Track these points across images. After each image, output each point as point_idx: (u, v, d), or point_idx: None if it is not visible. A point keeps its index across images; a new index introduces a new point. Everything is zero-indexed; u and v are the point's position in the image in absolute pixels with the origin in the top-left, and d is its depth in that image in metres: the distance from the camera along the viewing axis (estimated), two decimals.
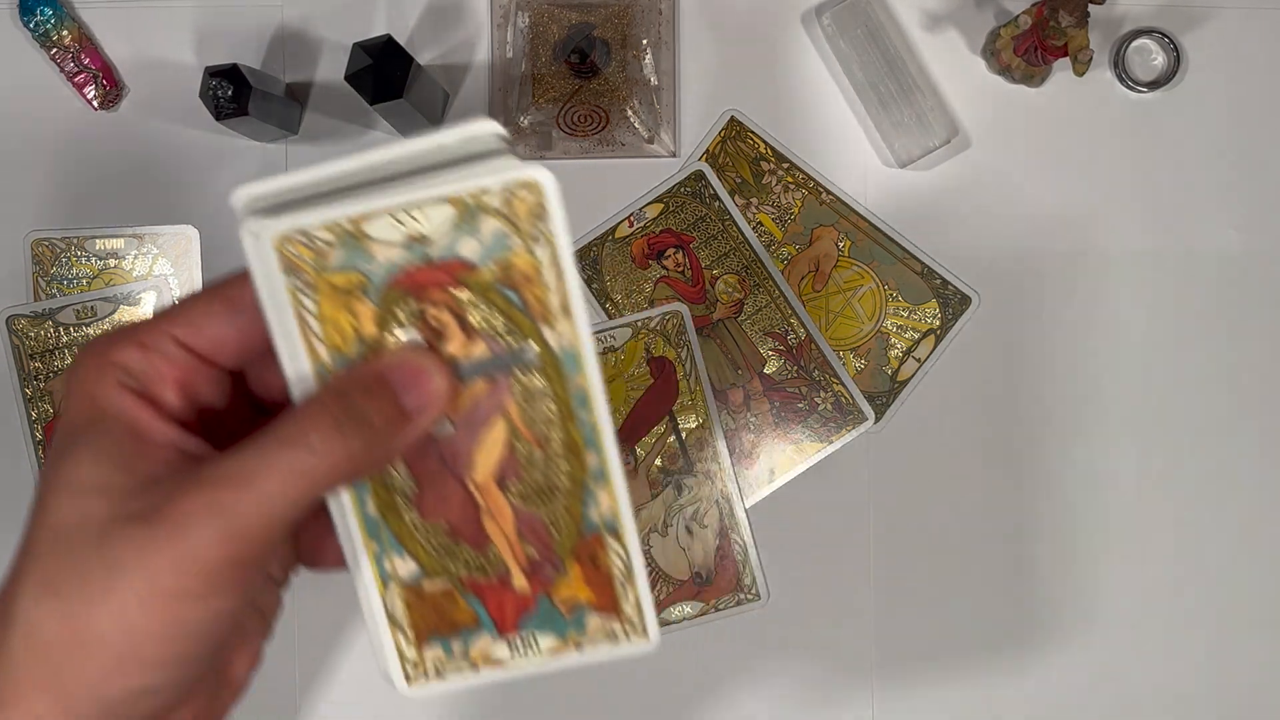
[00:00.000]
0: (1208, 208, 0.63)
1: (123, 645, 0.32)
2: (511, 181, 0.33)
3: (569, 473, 0.37)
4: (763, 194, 0.63)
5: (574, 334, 0.35)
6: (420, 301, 0.34)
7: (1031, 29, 0.58)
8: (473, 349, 0.35)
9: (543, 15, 0.61)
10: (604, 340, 0.62)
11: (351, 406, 0.33)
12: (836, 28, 0.61)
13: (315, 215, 0.33)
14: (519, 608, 0.38)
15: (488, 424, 0.36)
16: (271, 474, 0.32)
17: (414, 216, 0.34)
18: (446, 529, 0.37)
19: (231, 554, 0.32)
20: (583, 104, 0.61)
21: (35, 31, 0.61)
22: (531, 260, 0.34)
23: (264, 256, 0.34)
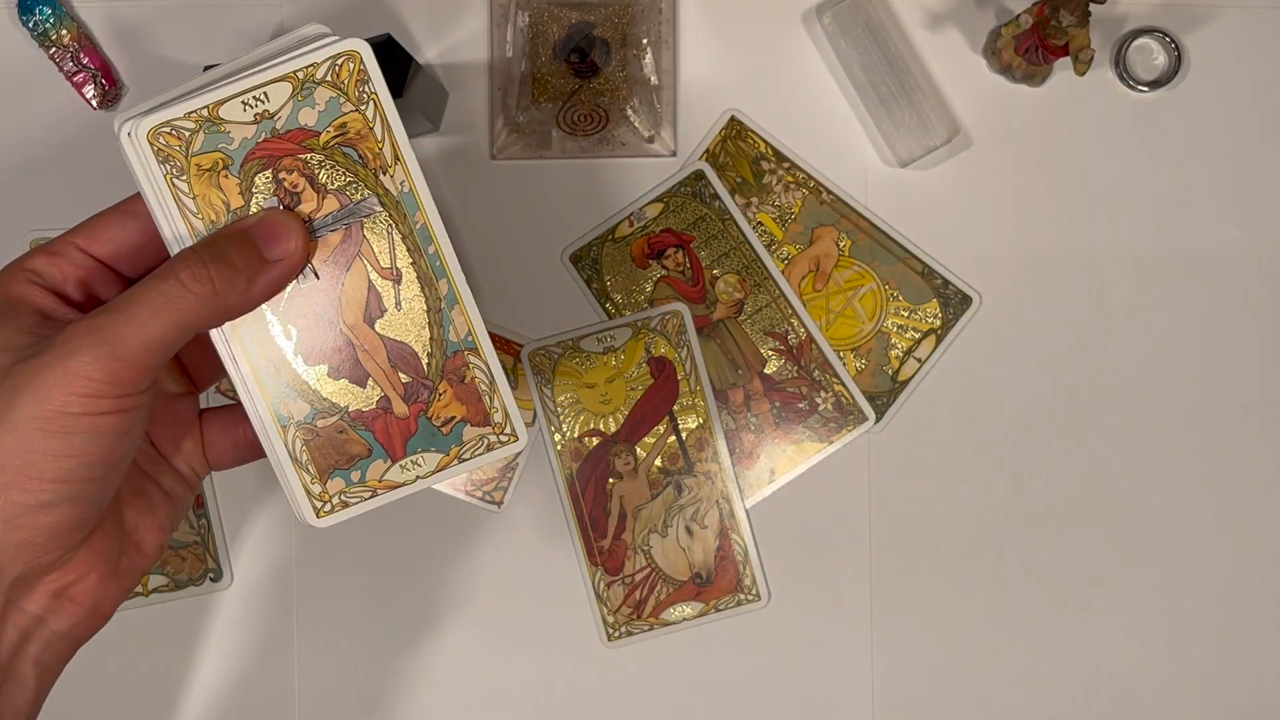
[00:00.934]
0: (1209, 208, 0.63)
1: (18, 461, 0.36)
2: (334, 53, 0.41)
3: (424, 300, 0.42)
4: (763, 194, 0.63)
5: (408, 177, 0.42)
6: (275, 169, 0.40)
7: (1032, 28, 0.58)
8: (326, 205, 0.41)
9: (543, 14, 0.61)
10: (604, 340, 0.62)
11: (217, 250, 0.39)
12: (837, 27, 0.61)
13: (177, 108, 0.39)
14: (404, 433, 0.42)
15: (349, 270, 0.41)
16: (145, 303, 0.37)
17: (259, 98, 0.40)
18: (329, 370, 0.42)
19: (111, 372, 0.36)
20: (583, 103, 0.61)
21: (34, 31, 0.61)
22: (362, 118, 0.41)
23: (141, 151, 0.40)
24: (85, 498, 0.38)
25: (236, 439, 0.44)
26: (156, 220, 0.40)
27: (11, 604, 0.38)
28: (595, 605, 0.62)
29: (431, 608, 0.62)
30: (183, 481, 0.43)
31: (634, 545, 0.62)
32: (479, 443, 0.44)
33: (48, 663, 0.40)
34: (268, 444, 0.41)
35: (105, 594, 0.41)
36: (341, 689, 0.62)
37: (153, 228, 0.40)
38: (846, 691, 0.63)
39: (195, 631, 0.62)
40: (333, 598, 0.63)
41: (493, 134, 0.62)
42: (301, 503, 0.42)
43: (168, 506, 0.43)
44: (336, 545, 0.62)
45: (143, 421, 0.39)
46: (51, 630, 0.40)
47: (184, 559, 0.62)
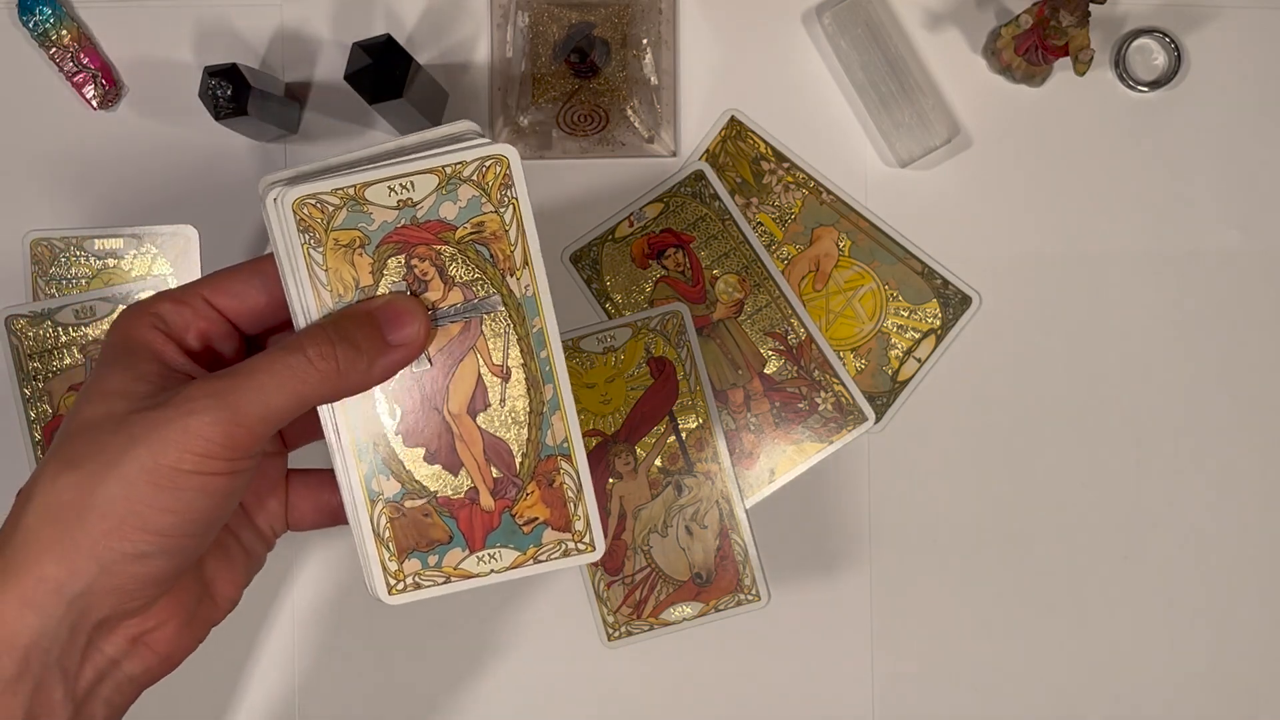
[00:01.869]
0: (1209, 208, 0.63)
1: (125, 510, 0.37)
2: (483, 155, 0.41)
3: (529, 403, 0.43)
4: (763, 194, 0.63)
5: (533, 282, 0.43)
6: (409, 255, 0.41)
7: (1032, 28, 0.58)
8: (450, 296, 0.42)
9: (542, 15, 0.61)
10: (604, 340, 0.62)
11: (344, 330, 0.40)
12: (837, 27, 0.61)
13: (326, 183, 0.40)
14: (486, 526, 0.43)
15: (461, 361, 0.42)
16: (270, 373, 0.38)
17: (405, 185, 0.41)
18: (425, 454, 0.43)
19: (228, 436, 0.37)
20: (583, 104, 0.61)
21: (34, 31, 0.61)
22: (499, 220, 0.42)
23: (283, 217, 0.41)
24: (181, 552, 0.39)
25: (320, 504, 0.44)
26: (285, 286, 0.41)
27: (92, 645, 0.39)
28: (595, 605, 0.62)
29: (431, 608, 0.62)
30: (262, 539, 0.44)
31: (634, 545, 0.62)
32: (556, 547, 0.44)
33: (116, 704, 0.42)
34: (354, 516, 0.42)
35: (178, 643, 0.42)
36: (341, 689, 0.62)
37: (278, 290, 0.41)
38: (846, 691, 0.63)
39: None
40: (332, 597, 0.63)
41: (493, 134, 0.62)
42: (376, 577, 0.42)
43: (245, 562, 0.44)
44: (336, 545, 0.62)
45: (246, 485, 0.39)
46: (124, 673, 0.41)
47: None
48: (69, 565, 0.37)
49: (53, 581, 0.37)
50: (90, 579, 0.38)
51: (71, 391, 0.62)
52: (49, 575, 0.37)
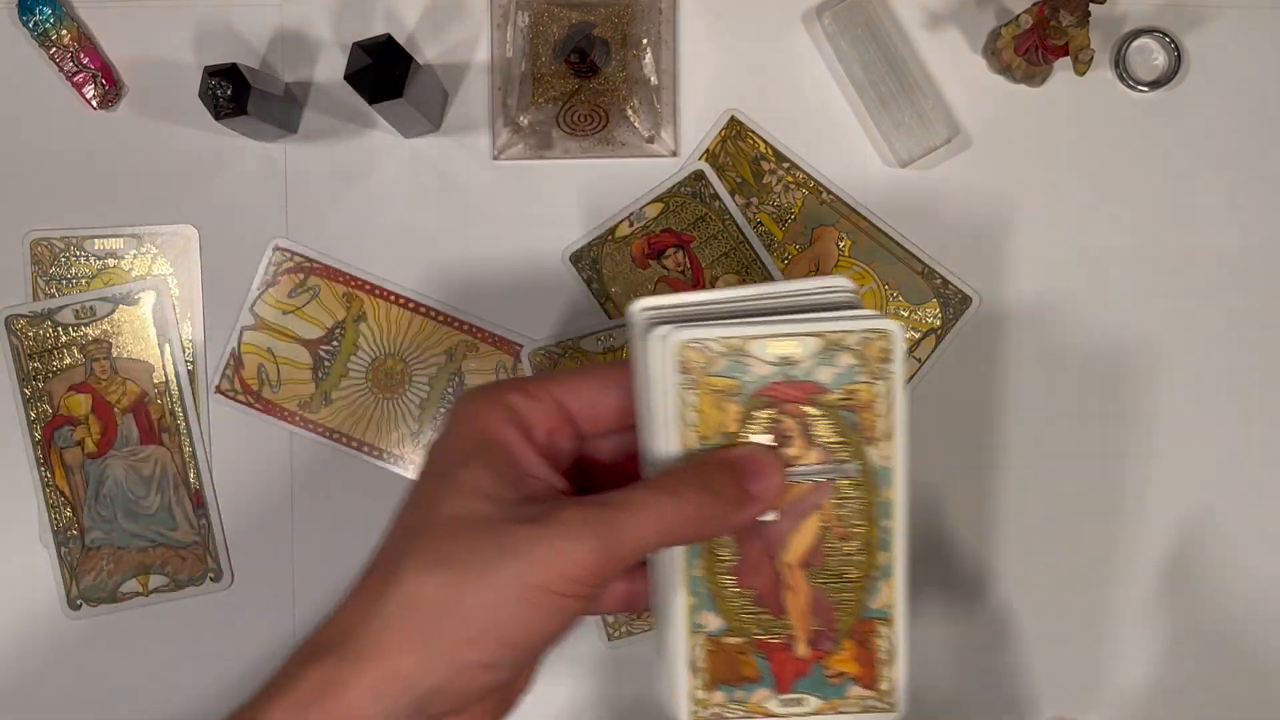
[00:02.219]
0: (1209, 208, 0.63)
1: (489, 620, 0.38)
2: (869, 329, 0.42)
3: (861, 566, 0.44)
4: (763, 194, 0.63)
5: (893, 456, 0.43)
6: (777, 410, 0.42)
7: (1032, 28, 0.58)
8: (808, 455, 0.43)
9: (543, 15, 0.61)
10: (604, 340, 0.62)
11: (710, 478, 0.40)
12: (837, 27, 0.61)
13: (715, 331, 0.42)
14: (797, 671, 0.44)
15: (806, 517, 0.43)
16: (646, 509, 0.39)
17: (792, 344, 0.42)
18: (753, 596, 0.44)
19: (600, 565, 0.38)
20: (583, 104, 0.61)
21: (34, 31, 0.61)
22: (872, 391, 0.43)
23: (666, 356, 0.42)
24: (523, 666, 0.41)
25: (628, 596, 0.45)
26: (649, 415, 0.42)
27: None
28: None
29: None
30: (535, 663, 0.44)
31: None
32: (859, 702, 0.45)
33: None
34: (673, 642, 0.43)
35: None
36: None
37: (626, 404, 0.43)
38: None
39: (195, 631, 0.62)
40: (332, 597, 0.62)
41: (494, 134, 0.62)
42: (681, 702, 0.44)
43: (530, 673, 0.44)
44: (337, 544, 0.62)
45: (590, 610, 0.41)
46: None
47: (184, 559, 0.62)
48: (424, 664, 0.38)
49: (405, 678, 0.38)
50: (440, 681, 0.38)
51: (72, 392, 0.62)
52: (403, 671, 0.38)
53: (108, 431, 0.62)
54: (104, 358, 0.62)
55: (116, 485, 0.62)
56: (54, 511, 0.62)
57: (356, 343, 0.62)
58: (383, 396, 0.62)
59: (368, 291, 0.62)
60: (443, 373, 0.62)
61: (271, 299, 0.62)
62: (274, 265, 0.62)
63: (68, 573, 0.62)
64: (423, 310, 0.62)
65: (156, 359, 0.62)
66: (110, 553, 0.62)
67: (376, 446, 0.62)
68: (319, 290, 0.62)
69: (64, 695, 0.62)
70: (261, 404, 0.62)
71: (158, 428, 0.62)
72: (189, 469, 0.62)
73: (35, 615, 0.62)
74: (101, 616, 0.62)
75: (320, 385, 0.62)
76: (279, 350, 0.62)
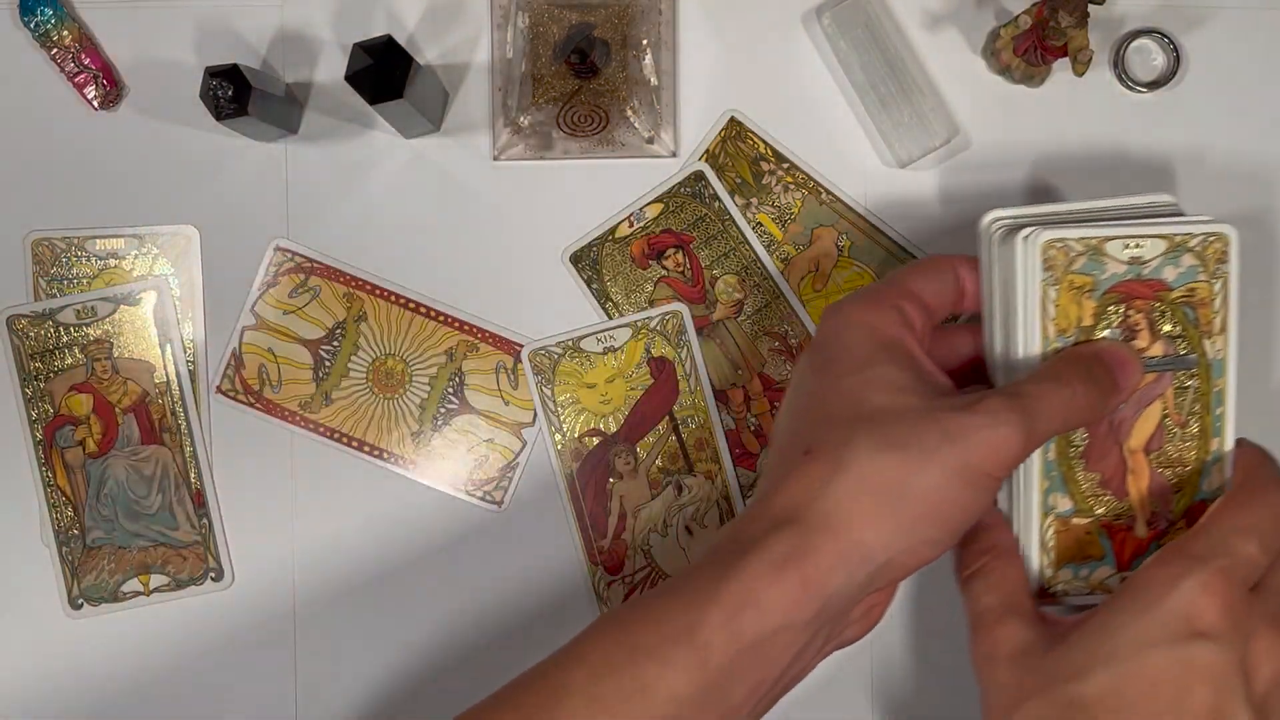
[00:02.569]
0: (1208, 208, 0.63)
1: (934, 500, 0.42)
2: (1208, 231, 0.48)
3: (1197, 452, 0.49)
4: (763, 194, 0.63)
5: (1226, 348, 0.49)
6: (1126, 306, 0.48)
7: (1031, 29, 0.58)
8: (1153, 347, 0.48)
9: (543, 15, 0.61)
10: (604, 340, 0.62)
11: (1090, 370, 0.45)
12: (836, 28, 0.61)
13: (1077, 232, 0.47)
14: (1137, 551, 0.49)
15: (1149, 405, 0.48)
16: (1052, 397, 0.43)
17: (1138, 244, 0.48)
18: (1100, 479, 0.49)
19: (1022, 449, 0.43)
20: (583, 104, 0.61)
21: (35, 32, 0.61)
22: (1210, 289, 0.48)
23: (1032, 254, 0.47)
24: (950, 544, 0.44)
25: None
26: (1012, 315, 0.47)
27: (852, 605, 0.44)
28: (595, 604, 0.62)
29: (431, 607, 0.63)
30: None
31: (634, 545, 0.62)
32: None
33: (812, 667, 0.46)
34: (1026, 525, 0.48)
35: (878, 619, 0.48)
36: (341, 689, 0.63)
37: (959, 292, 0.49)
38: (845, 682, 0.63)
39: (195, 631, 0.62)
40: (333, 597, 0.63)
41: (494, 135, 0.62)
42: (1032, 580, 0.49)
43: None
44: (337, 545, 0.63)
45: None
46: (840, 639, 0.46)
47: (185, 558, 0.62)
48: (883, 539, 0.42)
49: (866, 549, 0.42)
50: (892, 555, 0.42)
51: (73, 392, 0.62)
52: (865, 543, 0.42)
53: (109, 431, 0.62)
54: (105, 358, 0.62)
55: (118, 485, 0.62)
56: (55, 511, 0.62)
57: (357, 343, 0.62)
58: (383, 396, 0.62)
59: (368, 291, 0.62)
60: (443, 373, 0.62)
61: (272, 299, 0.62)
62: (275, 265, 0.62)
63: (69, 572, 0.62)
64: (423, 310, 0.62)
65: (158, 359, 0.62)
66: (111, 552, 0.62)
67: (377, 446, 0.62)
68: (319, 290, 0.62)
69: (65, 694, 0.62)
70: (262, 404, 0.62)
71: (159, 427, 0.62)
72: (190, 469, 0.62)
73: (36, 615, 0.62)
74: (102, 616, 0.62)
75: (321, 385, 0.62)
76: (280, 350, 0.62)
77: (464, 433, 0.62)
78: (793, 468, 0.43)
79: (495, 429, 0.62)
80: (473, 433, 0.62)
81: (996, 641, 0.46)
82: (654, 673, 0.41)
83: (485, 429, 0.62)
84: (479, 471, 0.62)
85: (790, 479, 0.43)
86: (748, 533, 0.43)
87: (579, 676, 0.42)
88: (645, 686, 0.41)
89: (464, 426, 0.62)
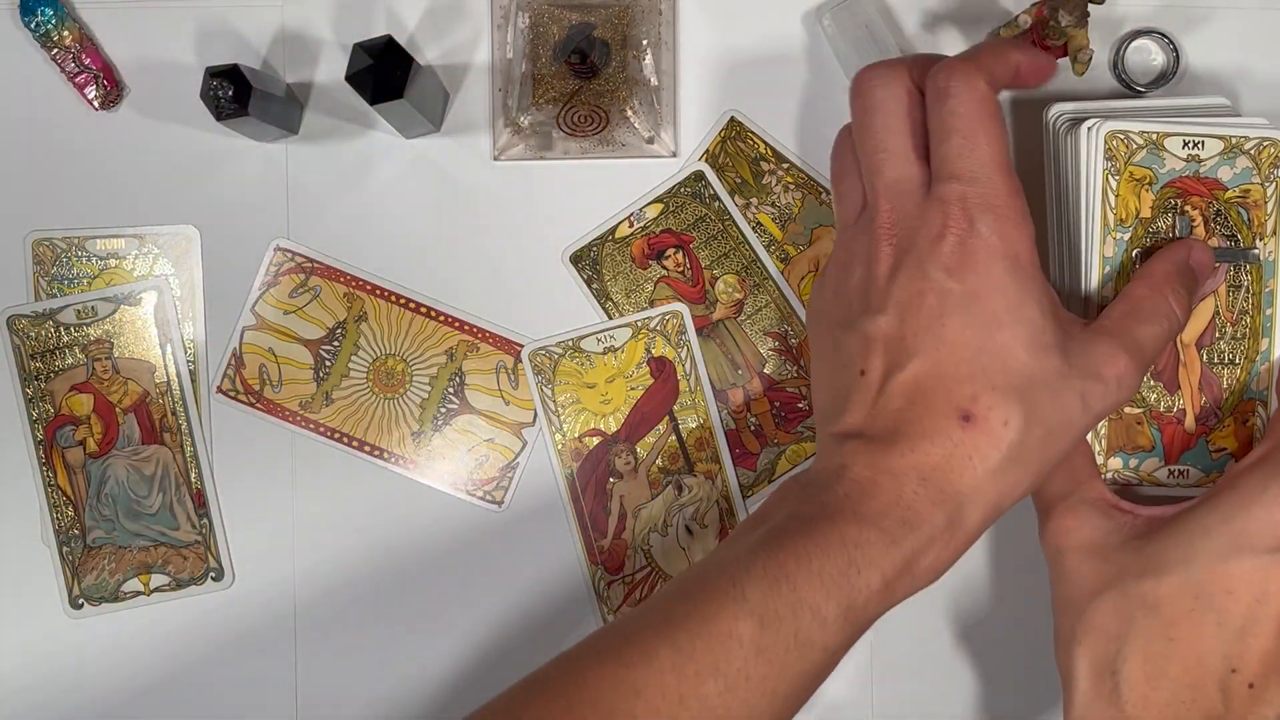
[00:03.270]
0: None
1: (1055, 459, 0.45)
2: (1264, 137, 0.51)
3: (1246, 350, 0.51)
4: (763, 194, 0.63)
5: (1277, 250, 0.51)
6: (1184, 201, 0.50)
7: (1031, 29, 0.58)
8: (1209, 242, 0.50)
9: (543, 15, 0.61)
10: (604, 340, 0.62)
11: (1187, 281, 0.48)
12: (836, 28, 0.61)
13: (1138, 125, 0.51)
14: (1184, 444, 0.51)
15: (1202, 300, 0.51)
16: (1155, 322, 0.46)
17: (1197, 143, 0.51)
18: (1153, 370, 0.51)
19: (1139, 373, 0.46)
20: (583, 104, 0.61)
21: (36, 32, 0.61)
22: (1262, 191, 0.51)
23: (1096, 143, 0.50)
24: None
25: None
26: (1076, 204, 0.50)
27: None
28: (595, 604, 0.62)
29: (432, 607, 0.63)
30: None
31: (634, 544, 0.62)
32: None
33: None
34: None
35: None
36: (342, 689, 0.63)
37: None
38: (846, 685, 0.63)
39: (196, 631, 0.63)
40: (333, 597, 0.63)
41: (494, 135, 0.62)
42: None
43: None
44: (338, 544, 0.63)
45: None
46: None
47: (185, 558, 0.62)
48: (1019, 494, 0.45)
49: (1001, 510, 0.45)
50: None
51: (74, 392, 0.62)
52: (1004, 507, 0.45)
53: (109, 431, 0.62)
54: (106, 358, 0.62)
55: (118, 485, 0.62)
56: (55, 511, 0.62)
57: (357, 343, 0.62)
58: (384, 396, 0.62)
59: (369, 292, 0.62)
60: (443, 373, 0.62)
61: (273, 299, 0.62)
62: (275, 265, 0.62)
63: (69, 572, 0.62)
64: (423, 310, 0.62)
65: (158, 359, 0.62)
66: (112, 552, 0.62)
67: (377, 446, 0.62)
68: (320, 290, 0.62)
69: (65, 694, 0.62)
70: (263, 404, 0.62)
71: (159, 427, 0.62)
72: (190, 469, 0.62)
73: (36, 615, 0.62)
74: (103, 616, 0.62)
75: (321, 385, 0.62)
76: (280, 350, 0.62)
77: (464, 433, 0.62)
78: (946, 429, 0.44)
79: (495, 429, 0.62)
80: (473, 433, 0.62)
81: (1068, 530, 0.47)
82: (815, 628, 0.43)
83: (485, 429, 0.62)
84: (479, 471, 0.62)
85: (940, 438, 0.44)
86: (893, 491, 0.44)
87: (748, 629, 0.43)
88: (809, 641, 0.43)
89: (464, 426, 0.62)
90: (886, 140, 0.48)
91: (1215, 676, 0.44)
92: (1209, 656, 0.44)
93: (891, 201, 0.47)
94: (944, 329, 0.44)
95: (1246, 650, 0.44)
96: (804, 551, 0.43)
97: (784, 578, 0.43)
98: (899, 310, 0.46)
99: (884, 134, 0.48)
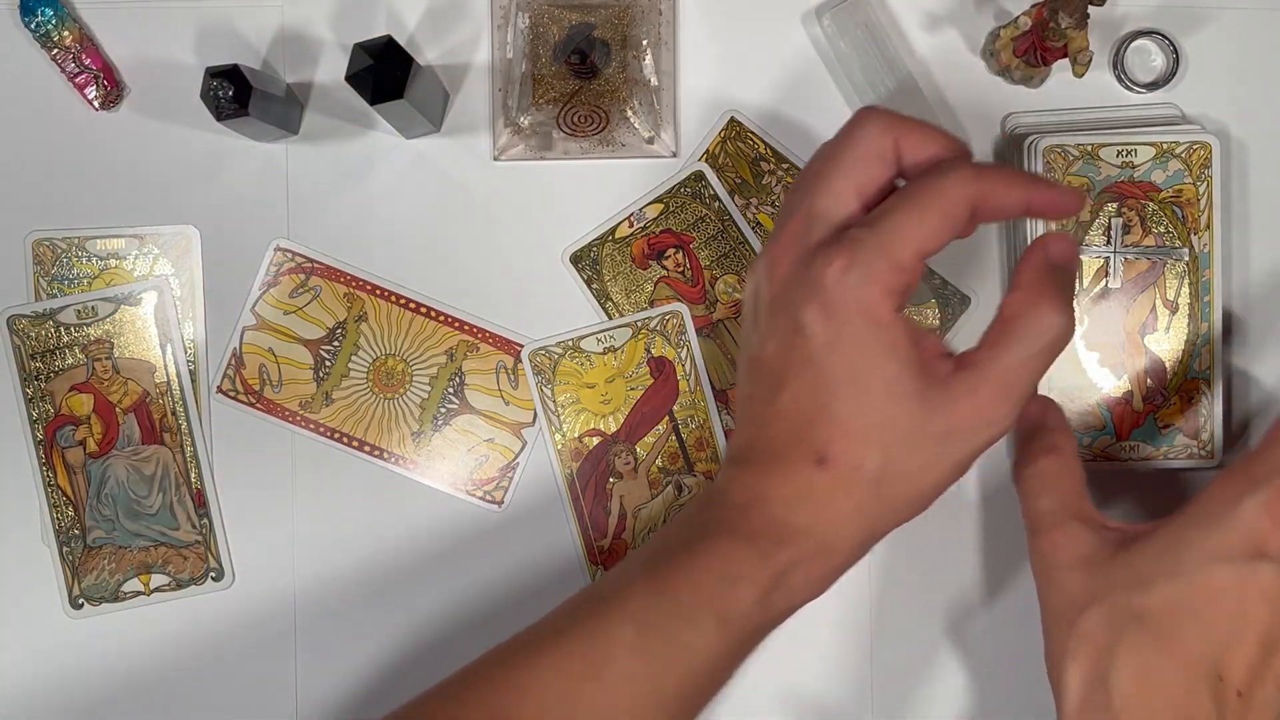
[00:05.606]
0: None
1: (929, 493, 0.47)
2: (1193, 140, 0.56)
3: (1187, 335, 0.56)
4: (763, 194, 0.63)
5: (1212, 243, 0.56)
6: (1121, 204, 0.56)
7: (1031, 30, 0.58)
8: (1146, 240, 0.56)
9: (543, 15, 0.61)
10: (604, 340, 0.62)
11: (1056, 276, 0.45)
12: (836, 28, 0.61)
13: (1073, 139, 0.56)
14: (1134, 422, 0.56)
15: (1143, 291, 0.56)
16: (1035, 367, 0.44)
17: (1130, 151, 0.56)
18: (1099, 358, 0.56)
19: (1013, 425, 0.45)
20: (583, 104, 0.61)
21: (36, 32, 0.61)
22: (1195, 190, 0.56)
23: (1034, 157, 0.57)
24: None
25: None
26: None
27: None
28: None
29: (432, 607, 0.63)
30: None
31: (634, 544, 0.62)
32: (1183, 450, 0.57)
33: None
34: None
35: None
36: (342, 689, 0.63)
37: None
38: (846, 687, 0.63)
39: (196, 631, 0.63)
40: (333, 597, 0.63)
41: (494, 135, 0.62)
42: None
43: None
44: (338, 545, 0.63)
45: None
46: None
47: (186, 558, 0.62)
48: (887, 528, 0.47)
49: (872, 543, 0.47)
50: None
51: (74, 392, 0.62)
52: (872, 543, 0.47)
53: (109, 431, 0.62)
54: (106, 358, 0.62)
55: (118, 485, 0.62)
56: (56, 511, 0.62)
57: (357, 343, 0.62)
58: (384, 396, 0.62)
59: (369, 292, 0.62)
60: (443, 373, 0.62)
61: (273, 299, 0.62)
62: (275, 265, 0.62)
63: (69, 572, 0.62)
64: (423, 310, 0.62)
65: (158, 359, 0.62)
66: (112, 552, 0.62)
67: (377, 446, 0.62)
68: (320, 290, 0.62)
69: (65, 694, 0.62)
70: (263, 404, 0.62)
71: (159, 427, 0.62)
72: (190, 469, 0.62)
73: (36, 615, 0.62)
74: (103, 616, 0.62)
75: (321, 385, 0.62)
76: (280, 350, 0.62)
77: (464, 433, 0.62)
78: (805, 469, 0.45)
79: (495, 429, 0.62)
80: (473, 433, 0.62)
81: (1056, 546, 0.48)
82: (693, 634, 0.45)
83: (485, 429, 0.62)
84: (479, 471, 0.62)
85: (800, 476, 0.45)
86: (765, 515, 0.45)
87: (627, 633, 0.45)
88: (687, 645, 0.45)
89: (464, 426, 0.62)
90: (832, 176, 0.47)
91: (1206, 685, 0.44)
92: (1198, 665, 0.44)
93: (803, 226, 0.46)
94: (806, 370, 0.44)
95: (1232, 659, 0.44)
96: (683, 565, 0.46)
97: (665, 589, 0.46)
98: (779, 339, 0.45)
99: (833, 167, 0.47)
